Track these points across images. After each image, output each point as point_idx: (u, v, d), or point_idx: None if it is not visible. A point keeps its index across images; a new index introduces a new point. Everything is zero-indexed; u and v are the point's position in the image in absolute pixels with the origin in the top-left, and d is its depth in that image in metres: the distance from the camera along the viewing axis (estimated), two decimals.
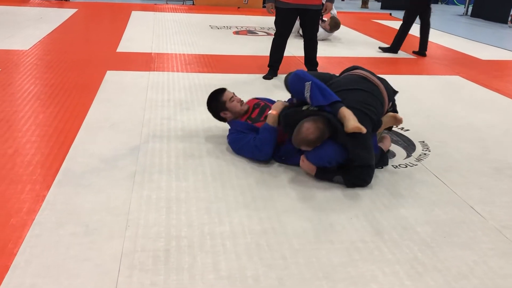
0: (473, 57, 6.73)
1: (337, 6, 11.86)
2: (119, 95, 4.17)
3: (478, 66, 6.19)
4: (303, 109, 2.84)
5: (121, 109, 3.83)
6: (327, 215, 2.46)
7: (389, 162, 3.08)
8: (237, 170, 2.90)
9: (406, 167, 3.08)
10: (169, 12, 9.66)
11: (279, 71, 5.04)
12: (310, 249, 2.17)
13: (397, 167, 3.07)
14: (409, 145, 3.42)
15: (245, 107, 3.20)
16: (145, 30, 7.42)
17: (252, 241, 2.20)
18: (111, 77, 4.70)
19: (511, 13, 10.71)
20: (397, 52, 6.63)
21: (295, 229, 2.32)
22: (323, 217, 2.44)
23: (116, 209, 2.41)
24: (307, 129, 2.67)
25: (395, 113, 3.14)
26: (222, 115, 3.19)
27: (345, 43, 7.30)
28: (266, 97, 3.51)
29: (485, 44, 7.90)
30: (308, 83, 2.80)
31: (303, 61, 5.14)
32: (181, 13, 9.66)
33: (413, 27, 6.57)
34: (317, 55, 5.08)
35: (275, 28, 4.99)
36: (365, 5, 12.86)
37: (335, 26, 7.16)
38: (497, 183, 2.92)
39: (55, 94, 4.13)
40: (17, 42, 6.03)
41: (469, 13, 12.03)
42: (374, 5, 13.19)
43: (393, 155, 3.23)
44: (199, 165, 2.94)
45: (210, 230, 2.28)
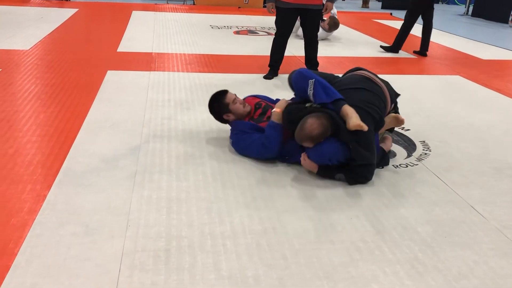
0: (474, 57, 6.72)
1: (338, 5, 11.87)
2: (120, 95, 4.17)
3: (478, 66, 6.18)
4: (306, 106, 2.86)
5: (122, 109, 3.83)
6: (327, 214, 2.46)
7: (390, 161, 3.08)
8: (238, 169, 2.90)
9: (406, 166, 3.08)
10: (169, 12, 9.67)
11: (279, 71, 5.04)
12: (310, 249, 2.17)
13: (397, 166, 3.07)
14: (409, 145, 3.42)
15: (248, 108, 3.17)
16: (146, 30, 7.42)
17: (252, 241, 2.20)
18: (112, 77, 4.70)
19: (511, 12, 10.71)
20: (398, 51, 6.63)
21: (295, 229, 2.32)
22: (324, 216, 2.44)
23: (116, 209, 2.41)
24: (311, 124, 2.68)
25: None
26: (225, 117, 3.16)
27: (346, 43, 7.29)
28: (265, 95, 3.51)
29: (486, 44, 7.90)
30: (311, 81, 2.82)
31: (304, 61, 5.14)
32: (182, 13, 9.66)
33: (415, 26, 6.56)
34: (317, 55, 5.08)
35: (275, 28, 4.99)
36: (365, 4, 12.86)
37: (334, 25, 7.14)
38: (497, 183, 2.92)
39: (56, 94, 4.13)
40: (18, 42, 6.03)
41: (470, 12, 12.03)
42: (374, 5, 13.18)
43: (393, 155, 3.23)
44: (200, 165, 2.94)
45: (210, 230, 2.28)
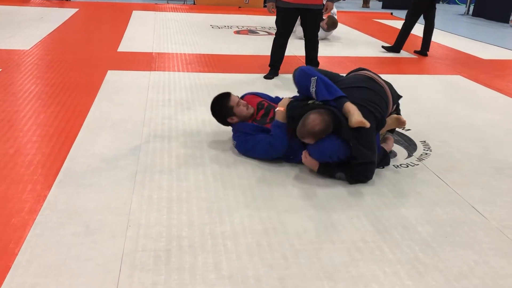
0: (475, 57, 6.72)
1: (338, 5, 11.87)
2: (120, 95, 4.17)
3: (479, 65, 6.18)
4: (309, 103, 2.87)
5: (122, 109, 3.83)
6: (328, 214, 2.46)
7: (391, 161, 3.08)
8: (238, 169, 2.90)
9: (407, 166, 3.08)
10: (170, 11, 9.66)
11: (280, 71, 5.04)
12: (311, 249, 2.17)
13: (398, 166, 3.07)
14: (410, 145, 3.42)
15: (251, 110, 3.14)
16: (146, 29, 7.42)
17: (253, 241, 2.20)
18: (112, 77, 4.70)
19: None
20: (399, 51, 6.61)
21: (296, 229, 2.32)
22: (324, 216, 2.44)
23: (117, 209, 2.41)
24: (313, 120, 2.68)
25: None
26: (229, 120, 3.15)
27: (346, 42, 7.29)
28: (263, 93, 3.50)
29: (487, 43, 7.89)
30: (314, 78, 2.83)
31: (304, 61, 5.14)
32: (182, 12, 9.66)
33: (415, 26, 6.55)
34: (318, 55, 5.08)
35: (276, 28, 4.99)
36: (366, 4, 12.86)
37: (333, 25, 7.12)
38: (498, 183, 2.91)
39: (56, 94, 4.13)
40: (18, 42, 6.04)
41: (471, 12, 12.02)
42: (375, 5, 13.17)
43: (394, 154, 3.23)
44: (200, 165, 2.94)
45: (211, 230, 2.28)
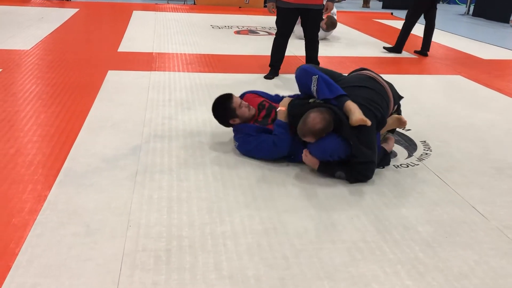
0: (475, 57, 6.72)
1: (338, 5, 11.88)
2: (120, 95, 4.17)
3: (479, 65, 6.18)
4: (310, 101, 2.87)
5: (123, 109, 3.83)
6: (328, 214, 2.46)
7: (391, 161, 3.08)
8: (238, 169, 2.90)
9: (407, 166, 3.08)
10: (170, 11, 9.67)
11: (280, 71, 5.05)
12: (311, 249, 2.18)
13: (398, 166, 3.07)
14: (410, 145, 3.42)
15: (253, 112, 3.13)
16: (146, 29, 7.42)
17: (253, 241, 2.20)
18: (112, 77, 4.70)
19: None
20: (400, 52, 6.59)
21: (296, 229, 2.32)
22: (324, 216, 2.44)
23: (117, 209, 2.41)
24: (314, 119, 2.68)
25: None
26: (231, 122, 3.14)
27: (346, 42, 7.29)
28: (263, 91, 3.49)
29: (487, 43, 7.89)
30: (314, 77, 2.84)
31: (304, 61, 5.14)
32: (182, 12, 9.66)
33: (415, 26, 6.55)
34: (318, 55, 5.08)
35: (276, 28, 4.99)
36: (366, 4, 12.86)
37: (332, 25, 7.11)
38: (498, 183, 2.91)
39: (57, 94, 4.13)
40: (19, 42, 6.04)
41: (471, 12, 12.02)
42: (375, 5, 13.17)
43: (394, 154, 3.23)
44: (200, 165, 2.94)
45: (211, 230, 2.28)
